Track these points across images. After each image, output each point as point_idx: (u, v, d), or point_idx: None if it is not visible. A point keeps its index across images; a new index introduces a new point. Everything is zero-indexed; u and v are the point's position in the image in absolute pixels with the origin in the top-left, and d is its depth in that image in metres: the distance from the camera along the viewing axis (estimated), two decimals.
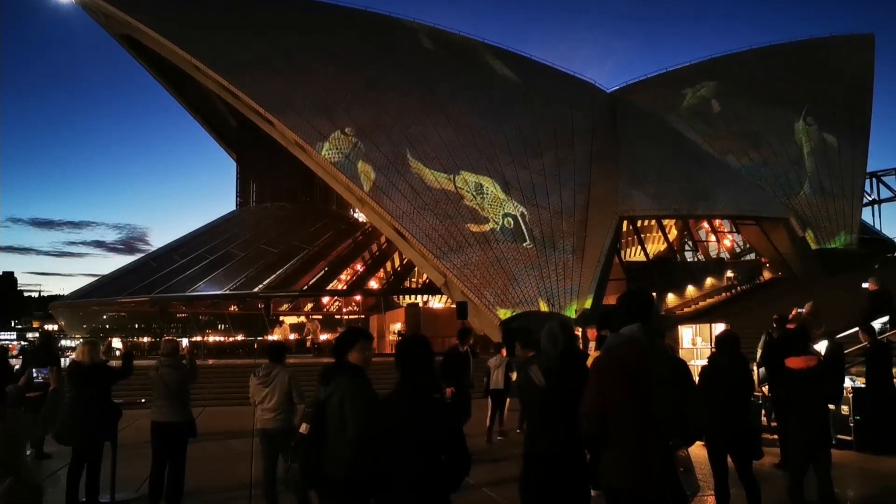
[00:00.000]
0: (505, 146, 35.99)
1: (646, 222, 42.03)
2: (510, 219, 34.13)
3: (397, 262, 42.86)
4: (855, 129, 40.97)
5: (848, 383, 12.51)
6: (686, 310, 36.82)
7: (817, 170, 39.93)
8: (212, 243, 40.82)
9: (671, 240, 44.39)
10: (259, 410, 8.16)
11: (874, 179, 54.96)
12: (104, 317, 47.77)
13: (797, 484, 6.89)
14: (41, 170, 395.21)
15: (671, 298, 37.98)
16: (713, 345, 7.66)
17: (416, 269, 40.35)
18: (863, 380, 12.18)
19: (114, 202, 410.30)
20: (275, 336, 38.98)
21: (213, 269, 38.04)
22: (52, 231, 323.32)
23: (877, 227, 53.14)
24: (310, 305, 46.15)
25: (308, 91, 34.76)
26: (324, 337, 41.18)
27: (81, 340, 9.30)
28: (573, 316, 31.42)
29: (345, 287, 40.73)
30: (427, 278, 37.64)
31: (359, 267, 42.15)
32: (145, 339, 43.17)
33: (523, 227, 33.96)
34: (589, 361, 5.30)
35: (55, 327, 53.92)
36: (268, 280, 37.32)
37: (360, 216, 43.56)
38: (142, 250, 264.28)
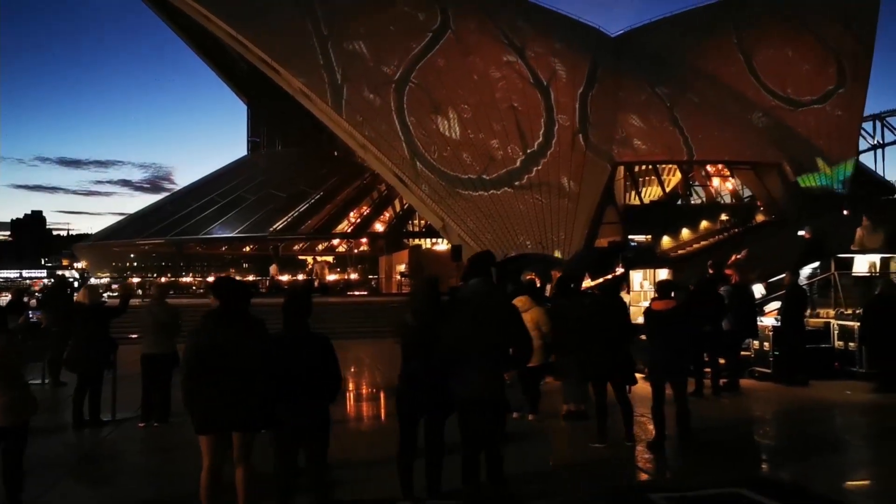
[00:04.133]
0: (505, 90, 36.91)
1: (648, 166, 43.04)
2: (508, 164, 35.17)
3: (398, 207, 44.21)
4: (857, 74, 41.39)
5: (769, 321, 13.97)
6: (680, 252, 38.08)
7: (816, 114, 40.57)
8: (223, 188, 42.45)
9: (675, 184, 45.49)
10: None
11: (877, 121, 55.12)
12: (131, 256, 49.65)
13: (658, 403, 8.47)
14: (68, 109, 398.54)
15: (666, 241, 39.20)
16: (596, 289, 9.16)
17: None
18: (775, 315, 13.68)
19: (140, 141, 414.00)
20: (283, 277, 40.81)
21: (224, 212, 39.76)
22: (79, 170, 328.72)
23: (879, 171, 53.64)
24: (322, 246, 47.91)
25: (314, 39, 35.76)
26: (332, 277, 43.07)
27: (86, 284, 10.96)
28: (565, 258, 32.81)
29: (350, 230, 42.31)
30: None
31: (365, 210, 43.63)
32: (163, 279, 45.19)
33: (520, 172, 35.06)
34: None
35: (83, 265, 55.40)
36: (277, 223, 38.96)
37: None
38: (167, 189, 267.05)
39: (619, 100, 38.95)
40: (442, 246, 41.57)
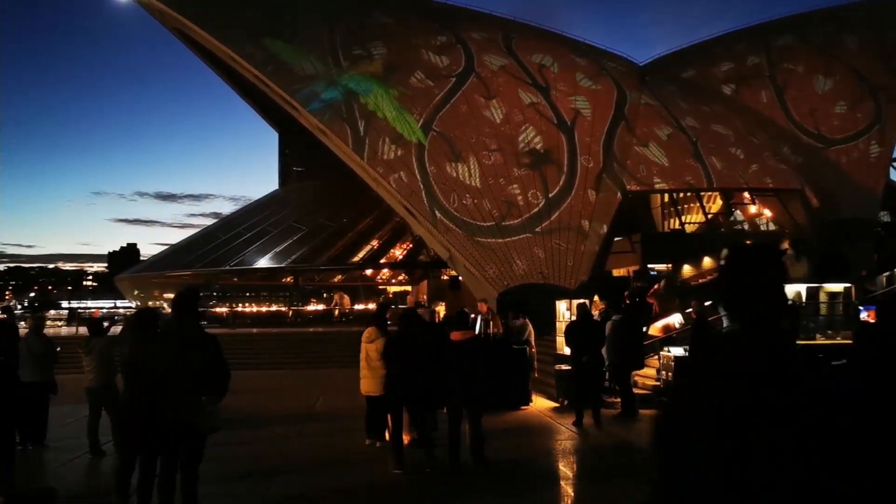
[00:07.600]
0: (528, 133, 36.64)
1: (679, 195, 42.40)
2: (529, 209, 34.78)
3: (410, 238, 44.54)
4: (893, 111, 40.02)
5: (679, 351, 13.89)
6: (700, 280, 37.32)
7: (847, 149, 39.54)
8: (251, 220, 43.95)
9: (716, 211, 44.41)
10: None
11: None
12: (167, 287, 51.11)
13: (453, 429, 8.71)
14: (165, 146, 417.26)
15: (686, 269, 38.53)
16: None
17: None
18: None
19: (231, 175, 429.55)
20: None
21: (250, 244, 41.20)
22: (174, 203, 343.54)
23: None
24: (371, 272, 48.71)
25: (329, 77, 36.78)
26: (359, 307, 44.01)
27: None
28: (571, 288, 32.55)
29: (367, 259, 43.01)
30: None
31: (385, 238, 44.22)
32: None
33: (541, 217, 34.63)
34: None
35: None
36: (297, 253, 40.16)
37: None
38: None
39: (643, 131, 38.54)
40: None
